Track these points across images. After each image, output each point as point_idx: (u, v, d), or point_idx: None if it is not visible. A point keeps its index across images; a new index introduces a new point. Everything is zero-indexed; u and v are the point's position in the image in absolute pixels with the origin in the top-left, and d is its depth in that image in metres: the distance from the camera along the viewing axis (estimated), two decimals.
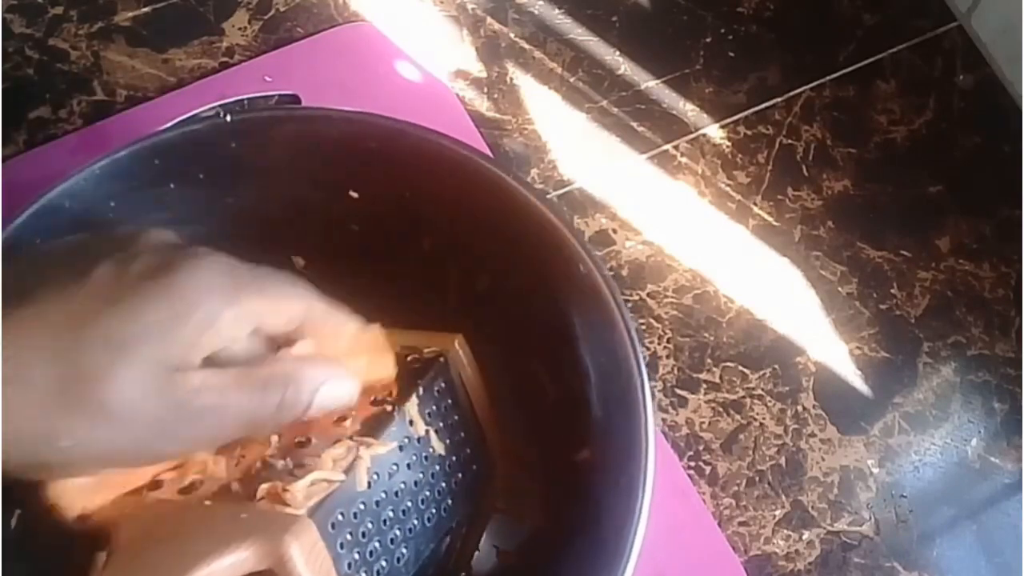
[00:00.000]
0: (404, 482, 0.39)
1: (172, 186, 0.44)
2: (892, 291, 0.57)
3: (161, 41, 0.60)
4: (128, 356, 0.31)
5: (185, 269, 0.32)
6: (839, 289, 0.57)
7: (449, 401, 0.42)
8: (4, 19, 0.60)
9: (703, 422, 0.54)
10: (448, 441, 0.41)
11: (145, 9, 0.61)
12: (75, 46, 0.60)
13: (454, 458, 0.41)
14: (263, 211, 0.46)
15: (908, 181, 0.60)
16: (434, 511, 0.40)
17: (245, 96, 0.57)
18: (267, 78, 0.58)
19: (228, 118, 0.44)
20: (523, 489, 0.45)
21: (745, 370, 0.55)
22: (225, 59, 0.60)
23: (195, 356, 0.32)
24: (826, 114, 0.61)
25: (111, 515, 0.36)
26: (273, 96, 0.58)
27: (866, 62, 0.62)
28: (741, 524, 0.52)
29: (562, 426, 0.44)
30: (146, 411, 0.31)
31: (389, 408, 0.39)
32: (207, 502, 0.36)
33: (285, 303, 0.35)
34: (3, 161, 0.55)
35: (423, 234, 0.47)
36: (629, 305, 0.55)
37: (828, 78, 0.62)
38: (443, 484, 0.41)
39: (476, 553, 0.45)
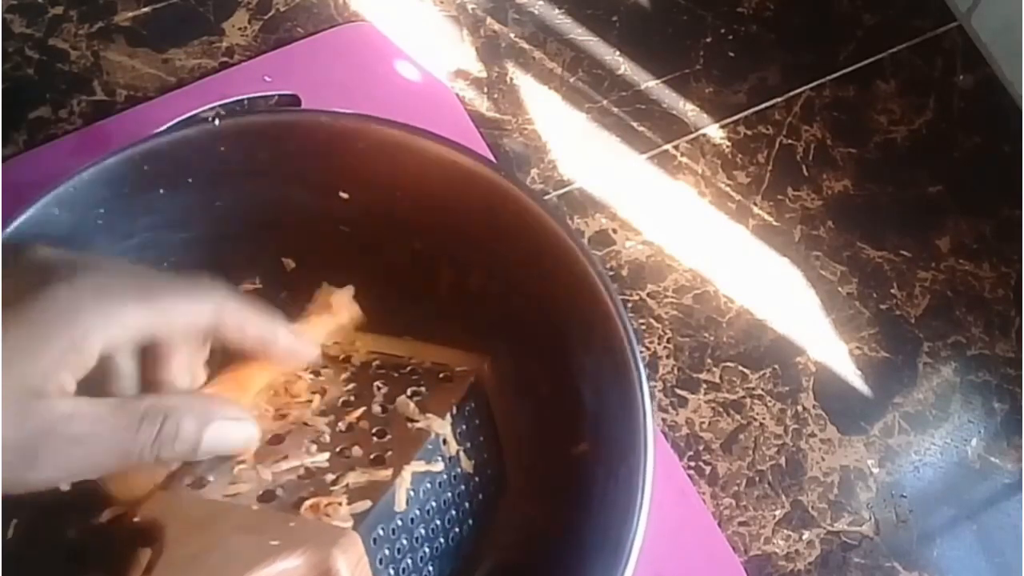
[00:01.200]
0: (435, 501, 0.39)
1: (162, 191, 0.44)
2: (892, 291, 0.57)
3: (161, 41, 0.60)
4: None
5: (49, 292, 0.32)
6: (839, 289, 0.57)
7: (477, 422, 0.42)
8: (4, 19, 0.60)
9: (703, 422, 0.54)
10: (475, 461, 0.41)
11: (145, 9, 0.61)
12: (75, 46, 0.60)
13: (478, 479, 0.42)
14: (252, 213, 0.46)
15: (908, 181, 0.60)
16: (458, 530, 0.40)
17: (245, 96, 0.57)
18: (267, 78, 0.58)
19: (216, 122, 0.44)
20: (525, 492, 0.45)
21: (745, 370, 0.55)
22: (225, 59, 0.60)
23: (64, 380, 0.32)
24: (826, 114, 0.61)
25: (156, 512, 0.36)
26: (273, 96, 0.58)
27: (866, 62, 0.62)
28: (741, 524, 0.52)
29: (559, 422, 0.44)
30: (10, 437, 0.31)
31: (424, 426, 0.39)
32: (255, 506, 0.36)
33: (183, 307, 0.35)
34: (3, 161, 0.55)
35: (414, 233, 0.47)
36: (629, 305, 0.55)
37: (828, 78, 0.62)
38: (467, 504, 0.41)
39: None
